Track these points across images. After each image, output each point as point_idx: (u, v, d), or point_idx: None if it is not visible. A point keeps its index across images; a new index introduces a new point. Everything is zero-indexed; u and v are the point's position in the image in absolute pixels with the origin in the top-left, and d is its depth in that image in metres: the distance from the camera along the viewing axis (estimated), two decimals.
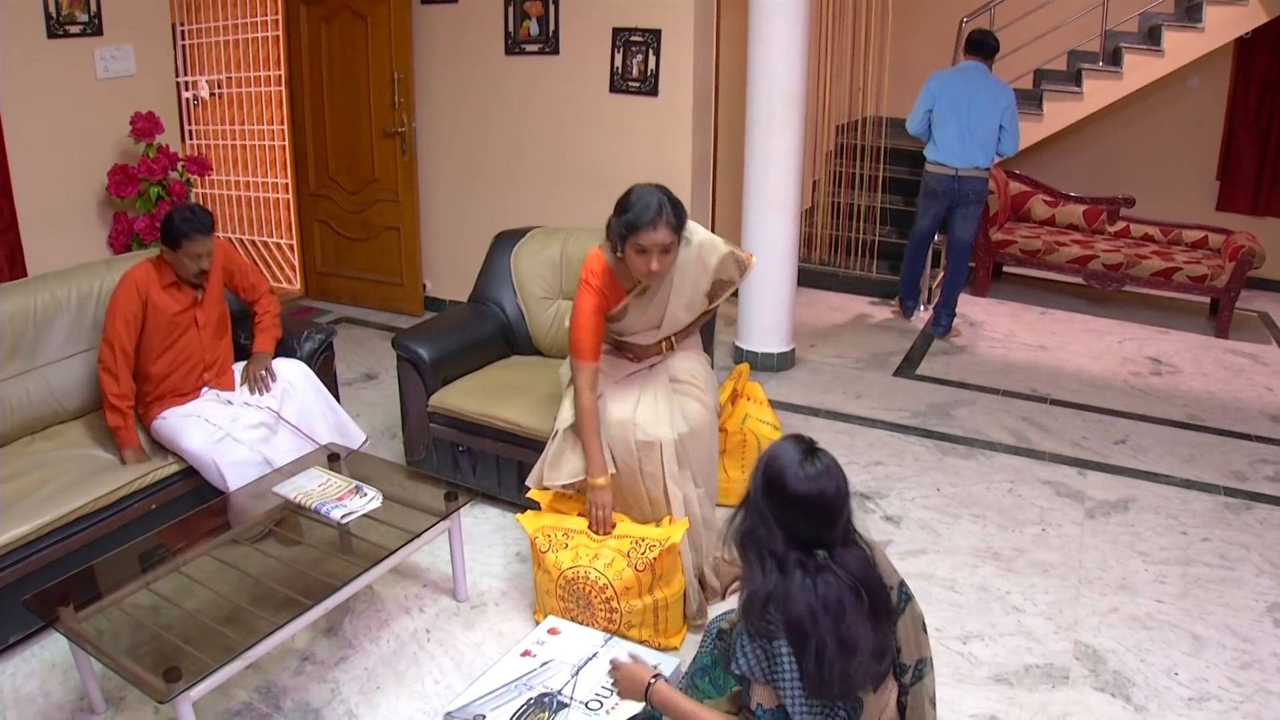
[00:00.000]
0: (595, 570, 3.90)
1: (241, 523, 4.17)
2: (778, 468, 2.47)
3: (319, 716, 3.68)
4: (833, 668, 2.39)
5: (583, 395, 4.07)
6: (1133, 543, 4.83)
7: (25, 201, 6.04)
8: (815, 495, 2.44)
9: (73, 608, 3.52)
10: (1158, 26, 8.66)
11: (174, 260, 4.56)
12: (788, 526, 2.46)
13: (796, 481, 2.44)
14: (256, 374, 4.81)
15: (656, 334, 4.31)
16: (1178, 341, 7.72)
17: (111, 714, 3.68)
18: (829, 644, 2.39)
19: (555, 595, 4.02)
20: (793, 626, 2.40)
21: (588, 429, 4.06)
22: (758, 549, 2.49)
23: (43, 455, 4.48)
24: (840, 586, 2.44)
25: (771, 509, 2.47)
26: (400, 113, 7.59)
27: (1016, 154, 7.33)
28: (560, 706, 3.37)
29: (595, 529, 4.03)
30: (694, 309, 4.31)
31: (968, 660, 3.97)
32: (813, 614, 2.40)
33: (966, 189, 7.39)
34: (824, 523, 2.47)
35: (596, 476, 4.04)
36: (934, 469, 5.52)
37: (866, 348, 7.46)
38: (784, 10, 6.23)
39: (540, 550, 4.01)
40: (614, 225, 3.96)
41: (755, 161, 6.60)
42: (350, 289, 8.39)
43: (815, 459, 2.48)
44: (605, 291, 4.09)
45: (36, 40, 6.06)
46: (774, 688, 2.45)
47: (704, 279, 4.21)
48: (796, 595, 2.41)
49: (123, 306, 4.51)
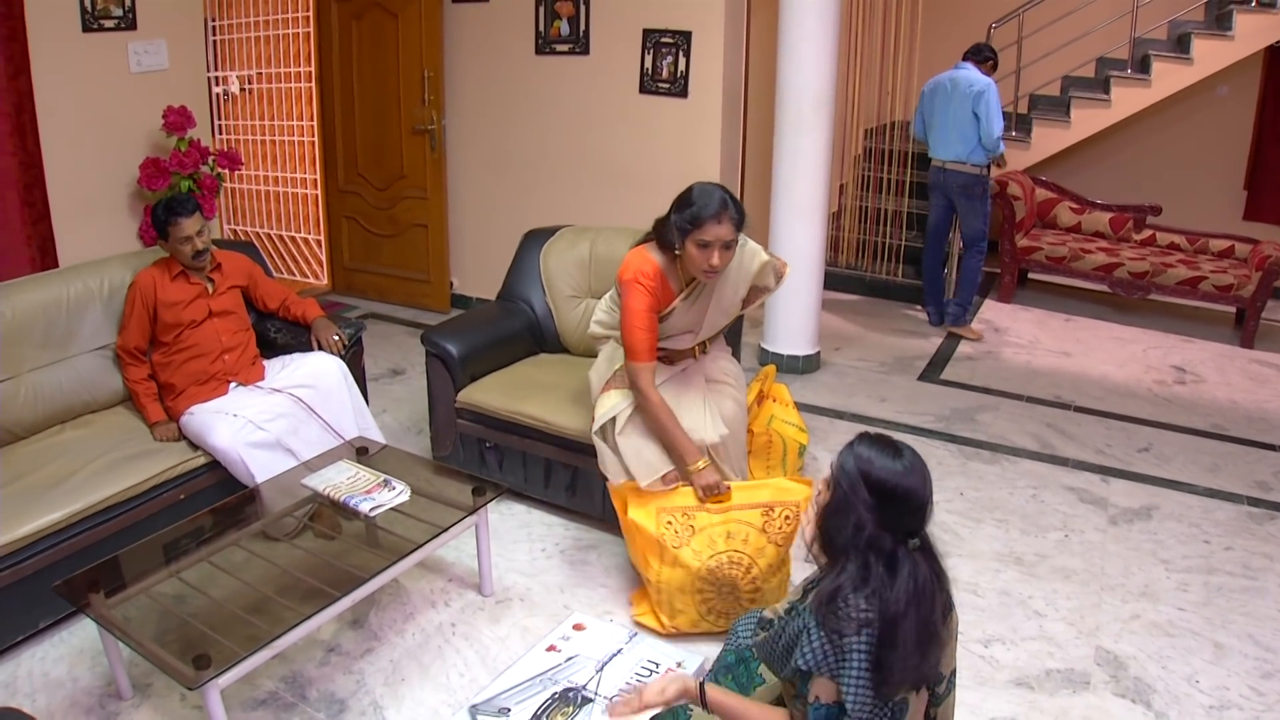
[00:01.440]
0: (736, 552, 3.92)
1: (270, 514, 4.21)
2: (876, 469, 2.51)
3: (344, 707, 3.70)
4: (916, 657, 2.44)
5: (650, 394, 4.10)
6: (1155, 550, 4.82)
7: (58, 193, 6.10)
8: (917, 488, 2.51)
9: (103, 594, 3.57)
10: (1187, 34, 8.64)
11: (172, 249, 4.74)
12: (891, 521, 2.49)
13: (898, 477, 2.49)
14: (329, 338, 5.02)
15: (693, 338, 4.34)
16: (1202, 350, 7.69)
17: (139, 700, 3.72)
18: (915, 634, 2.43)
19: (692, 591, 3.98)
20: (891, 617, 2.42)
21: (669, 424, 4.09)
22: (864, 548, 2.49)
23: (73, 444, 4.52)
24: (929, 575, 2.50)
25: (877, 508, 2.49)
26: (430, 110, 7.63)
27: (999, 150, 7.23)
28: (584, 701, 3.39)
29: (720, 504, 4.05)
30: (729, 314, 4.36)
31: (989, 663, 3.98)
32: (915, 602, 2.44)
33: (952, 181, 7.59)
34: (922, 512, 2.53)
35: (695, 462, 4.06)
36: (957, 473, 5.53)
37: (891, 352, 7.46)
38: (814, 13, 6.24)
39: (673, 548, 3.96)
40: (674, 220, 3.98)
41: (783, 164, 6.61)
42: (377, 285, 8.44)
43: (903, 453, 2.55)
44: (657, 292, 4.12)
45: (72, 34, 6.12)
46: (837, 682, 2.47)
47: (743, 285, 4.27)
48: (902, 587, 2.44)
49: (132, 309, 4.72)
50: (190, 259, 4.71)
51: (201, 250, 4.71)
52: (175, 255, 4.74)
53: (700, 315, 4.25)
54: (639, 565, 4.13)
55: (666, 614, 4.06)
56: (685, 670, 3.56)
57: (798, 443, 5.04)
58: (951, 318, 7.91)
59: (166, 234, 4.67)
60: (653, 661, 3.60)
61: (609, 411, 4.17)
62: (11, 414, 4.55)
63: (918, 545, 2.51)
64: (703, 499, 4.03)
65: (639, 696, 2.78)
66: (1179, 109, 9.53)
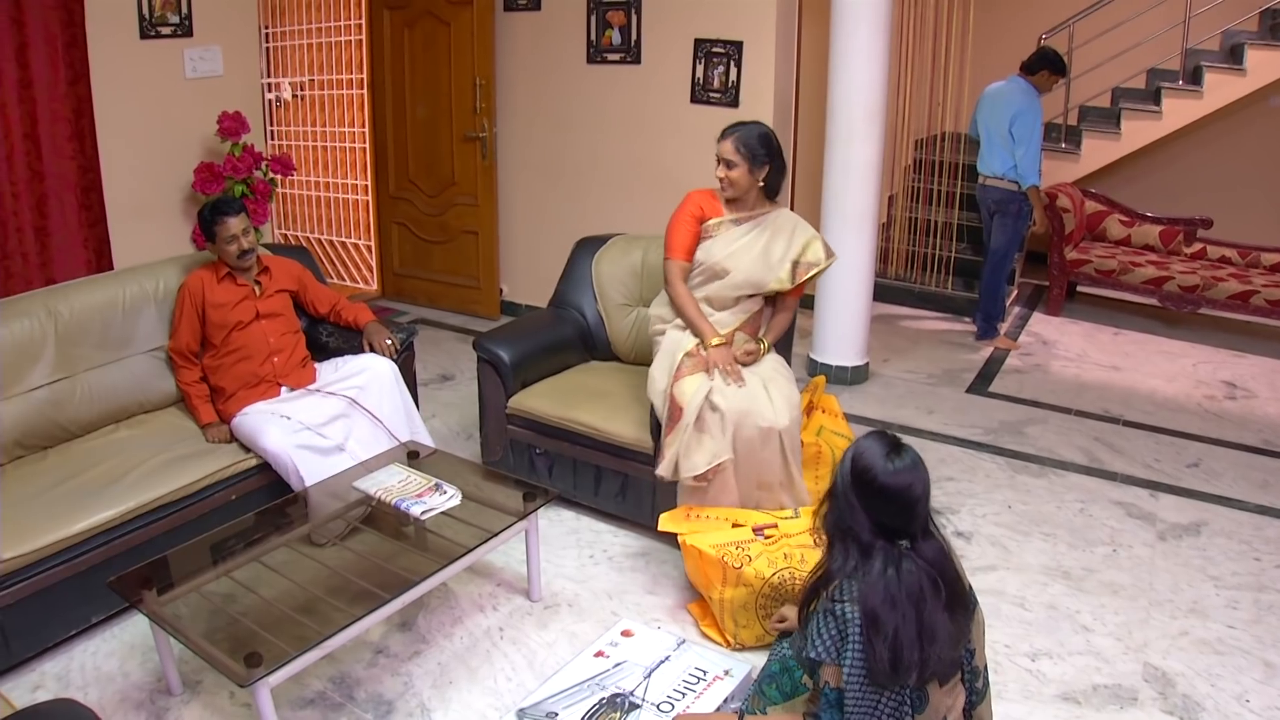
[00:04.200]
0: (796, 568, 3.95)
1: (321, 516, 4.25)
2: (866, 461, 2.62)
3: (392, 708, 3.73)
4: (911, 653, 2.49)
5: (676, 285, 4.69)
6: (1204, 567, 4.78)
7: (114, 196, 6.18)
8: (902, 488, 2.58)
9: (155, 591, 3.61)
10: (1240, 45, 8.57)
11: (219, 251, 4.81)
12: (873, 516, 2.60)
13: (884, 475, 2.58)
14: (382, 341, 5.07)
15: (734, 291, 4.64)
16: (1254, 366, 7.62)
17: (188, 696, 3.76)
18: (906, 631, 2.49)
19: (755, 607, 4.00)
20: (869, 611, 2.51)
21: (691, 310, 4.63)
22: (843, 535, 2.63)
23: (127, 443, 4.58)
24: (920, 575, 2.56)
25: (859, 499, 2.61)
26: (481, 118, 7.67)
27: (1028, 182, 7.22)
28: (632, 707, 3.41)
29: (729, 377, 4.44)
30: (771, 278, 4.63)
31: (1036, 678, 3.96)
32: (891, 600, 2.51)
33: (989, 197, 7.61)
34: (907, 514, 2.60)
35: (711, 339, 4.55)
36: (1005, 486, 5.51)
37: (940, 363, 7.44)
38: (865, 24, 6.24)
39: (735, 568, 3.97)
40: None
41: (834, 174, 6.60)
42: (427, 291, 8.48)
43: (901, 454, 2.62)
44: (704, 203, 4.72)
45: (130, 41, 6.21)
46: (839, 666, 2.52)
47: (791, 248, 4.65)
48: (875, 580, 2.54)
49: (182, 310, 4.79)
50: (235, 258, 4.76)
51: (247, 250, 4.76)
52: (221, 255, 4.80)
53: (746, 249, 4.63)
54: (700, 585, 4.15)
55: (730, 630, 4.07)
56: (733, 677, 3.57)
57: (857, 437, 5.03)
58: (980, 332, 7.90)
59: (213, 234, 4.74)
60: (700, 669, 3.61)
61: (697, 394, 4.36)
62: (67, 412, 4.61)
63: (907, 546, 2.58)
64: (727, 378, 4.44)
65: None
66: (1230, 121, 9.42)
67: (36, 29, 5.62)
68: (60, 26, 5.72)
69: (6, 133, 5.60)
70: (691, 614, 4.31)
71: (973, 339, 7.96)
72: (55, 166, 5.84)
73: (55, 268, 5.88)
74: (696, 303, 4.64)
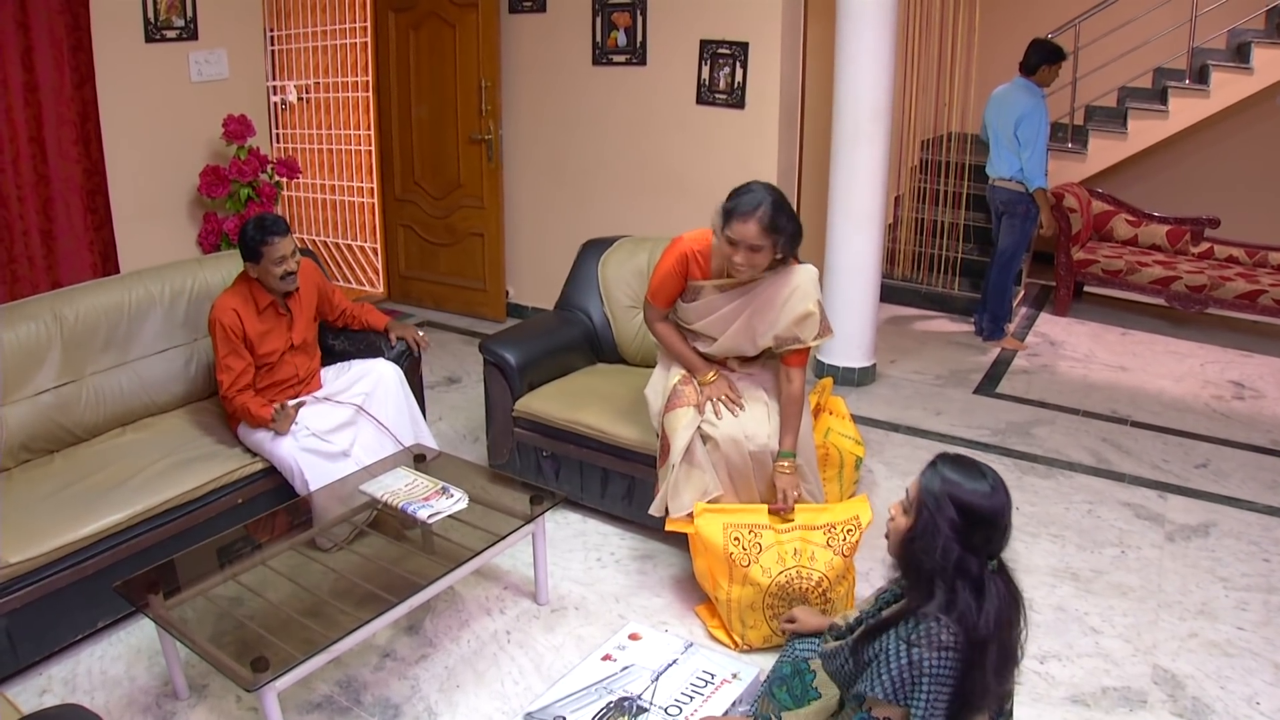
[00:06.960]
0: (804, 567, 3.94)
1: (328, 520, 4.24)
2: (965, 498, 2.50)
3: (399, 712, 3.72)
4: (995, 681, 2.46)
5: (657, 325, 4.50)
6: (1213, 568, 4.76)
7: (120, 199, 6.19)
8: (1002, 508, 2.52)
9: (161, 595, 3.61)
10: (1247, 44, 8.57)
11: (260, 273, 4.55)
12: (975, 545, 2.49)
13: (984, 499, 2.49)
14: (414, 335, 5.13)
15: (710, 345, 4.41)
16: (1261, 365, 7.60)
17: (195, 700, 3.76)
18: (996, 658, 2.45)
19: (762, 607, 3.99)
20: (976, 642, 2.43)
21: (677, 346, 4.44)
22: (950, 576, 2.49)
23: (134, 446, 4.58)
24: (1008, 594, 2.52)
25: (970, 535, 2.49)
26: (487, 120, 7.66)
27: (1034, 185, 7.20)
28: (640, 711, 3.40)
29: (730, 406, 4.29)
30: (756, 341, 4.33)
31: (1044, 680, 3.95)
32: (999, 624, 2.45)
33: (996, 198, 7.60)
34: (1006, 533, 2.54)
35: (704, 374, 4.37)
36: (1013, 487, 5.38)
37: (947, 364, 7.42)
38: (871, 24, 6.23)
39: (742, 565, 3.97)
40: (720, 208, 4.06)
41: (840, 175, 6.59)
42: (432, 293, 8.48)
43: (984, 473, 2.55)
44: (696, 259, 4.28)
45: (135, 44, 6.23)
46: (907, 707, 2.46)
47: (783, 319, 4.20)
48: (990, 611, 2.45)
49: (230, 346, 4.53)
50: (279, 280, 4.54)
51: (292, 271, 4.57)
52: (263, 279, 4.57)
53: (726, 319, 4.29)
54: (707, 586, 4.13)
55: (738, 631, 4.06)
56: (741, 680, 3.57)
57: (854, 455, 5.02)
58: (986, 333, 7.89)
59: (258, 255, 4.48)
60: (708, 673, 3.60)
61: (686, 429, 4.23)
62: (74, 416, 4.62)
63: (996, 567, 2.51)
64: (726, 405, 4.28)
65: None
66: (1237, 120, 9.41)
67: (42, 33, 5.62)
68: (65, 30, 5.73)
69: (12, 136, 5.61)
70: (699, 616, 4.30)
71: (977, 339, 7.94)
72: (61, 170, 5.85)
73: (61, 271, 5.89)
74: (682, 336, 4.45)
